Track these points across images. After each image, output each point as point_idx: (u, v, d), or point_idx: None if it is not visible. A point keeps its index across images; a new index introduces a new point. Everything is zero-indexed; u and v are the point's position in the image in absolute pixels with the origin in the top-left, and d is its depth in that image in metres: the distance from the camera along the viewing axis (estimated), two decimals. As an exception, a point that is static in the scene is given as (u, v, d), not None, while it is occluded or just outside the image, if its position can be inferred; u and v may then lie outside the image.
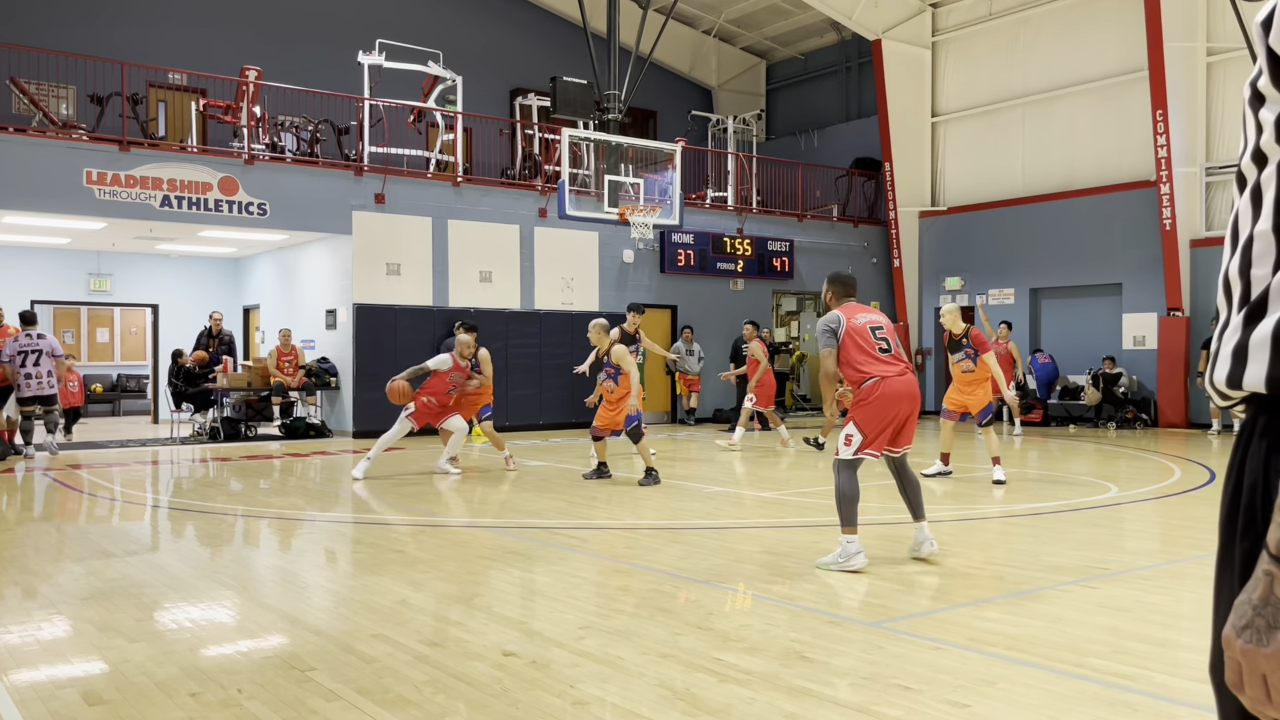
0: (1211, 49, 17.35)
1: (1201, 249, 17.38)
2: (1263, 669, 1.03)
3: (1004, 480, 9.66)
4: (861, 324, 5.95)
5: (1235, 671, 1.06)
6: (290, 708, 3.57)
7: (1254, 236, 1.18)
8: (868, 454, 5.84)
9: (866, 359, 5.85)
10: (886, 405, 5.79)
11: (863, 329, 5.93)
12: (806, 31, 23.99)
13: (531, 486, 9.90)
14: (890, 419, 5.81)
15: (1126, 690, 3.71)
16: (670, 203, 15.91)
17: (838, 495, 5.84)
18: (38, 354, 12.82)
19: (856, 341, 5.88)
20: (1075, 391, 18.85)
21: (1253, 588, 1.06)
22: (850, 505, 5.79)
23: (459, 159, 17.26)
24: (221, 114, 15.77)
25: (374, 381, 16.06)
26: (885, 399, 5.79)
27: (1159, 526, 7.88)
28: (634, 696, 3.67)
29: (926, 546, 6.00)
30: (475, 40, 21.16)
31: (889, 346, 5.94)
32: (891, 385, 5.81)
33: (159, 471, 11.78)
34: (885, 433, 5.83)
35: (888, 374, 5.82)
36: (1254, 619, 1.04)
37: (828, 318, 6.01)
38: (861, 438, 5.81)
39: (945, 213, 21.49)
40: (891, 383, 5.81)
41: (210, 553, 6.69)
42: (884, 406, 5.79)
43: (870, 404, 5.81)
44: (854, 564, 5.75)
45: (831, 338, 5.91)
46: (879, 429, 5.80)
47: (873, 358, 5.86)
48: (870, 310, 6.19)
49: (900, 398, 5.82)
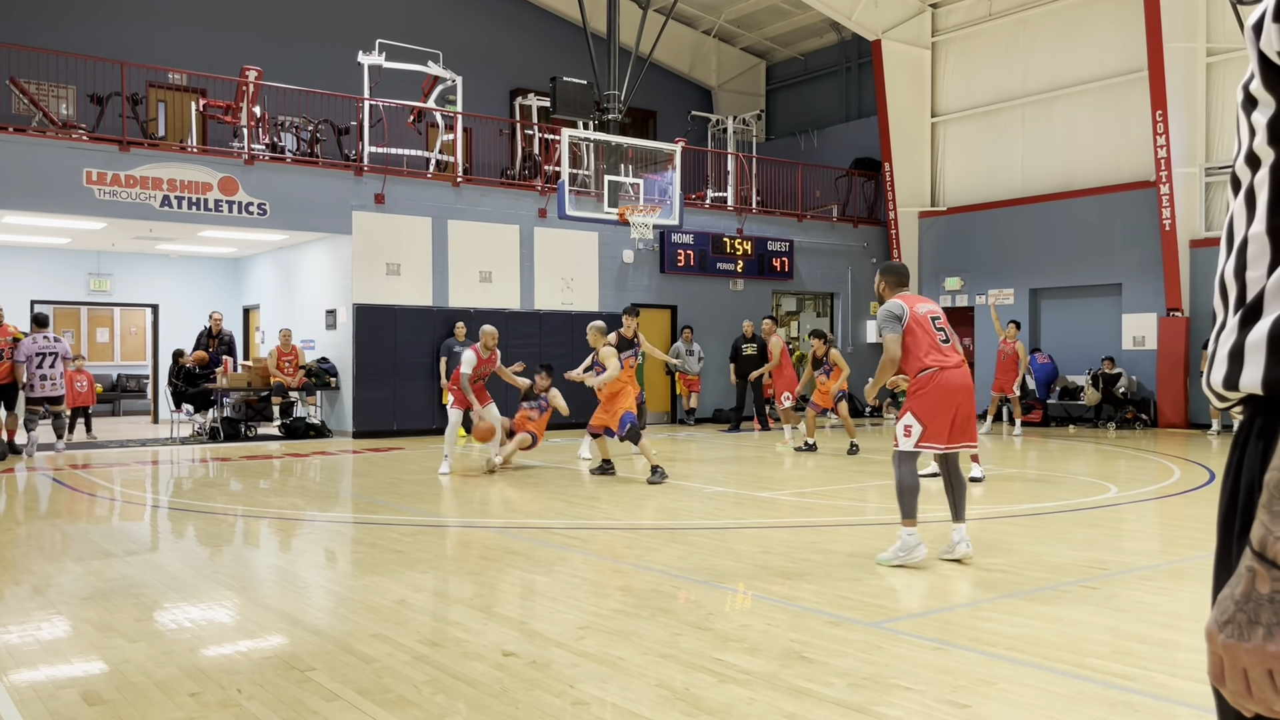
0: (1211, 49, 17.35)
1: (1201, 249, 17.38)
2: (1244, 664, 1.04)
3: (980, 478, 9.73)
4: (923, 313, 5.96)
5: (1217, 666, 1.07)
6: (290, 708, 3.57)
7: (1249, 239, 1.19)
8: (929, 447, 5.81)
9: (928, 348, 5.86)
10: (943, 396, 5.78)
11: (924, 318, 5.93)
12: (806, 32, 23.99)
13: (531, 486, 9.90)
14: (948, 410, 5.79)
15: (1126, 690, 3.71)
16: (670, 203, 15.91)
17: (898, 487, 5.83)
18: (54, 356, 13.26)
19: (919, 330, 5.88)
20: (1075, 392, 18.85)
21: (1235, 583, 1.06)
22: (910, 497, 5.78)
23: (459, 159, 17.26)
24: (221, 114, 15.77)
25: (374, 382, 16.09)
26: (942, 389, 5.78)
27: (1159, 527, 7.88)
28: (634, 697, 3.67)
29: (962, 548, 5.98)
30: (475, 40, 21.17)
31: (948, 337, 5.96)
32: (948, 376, 5.81)
33: (159, 471, 11.78)
34: (945, 424, 5.80)
35: (945, 364, 5.83)
36: (1235, 614, 1.05)
37: (890, 304, 5.97)
38: (921, 428, 5.79)
39: (945, 213, 21.49)
40: (949, 373, 5.81)
41: (210, 553, 6.69)
42: (941, 397, 5.78)
43: (927, 393, 5.80)
44: (915, 557, 5.74)
45: (896, 324, 5.88)
46: (937, 420, 5.78)
47: (933, 347, 5.87)
48: (928, 300, 6.17)
49: (956, 389, 5.81)
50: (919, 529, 5.90)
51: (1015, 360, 15.77)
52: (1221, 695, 1.13)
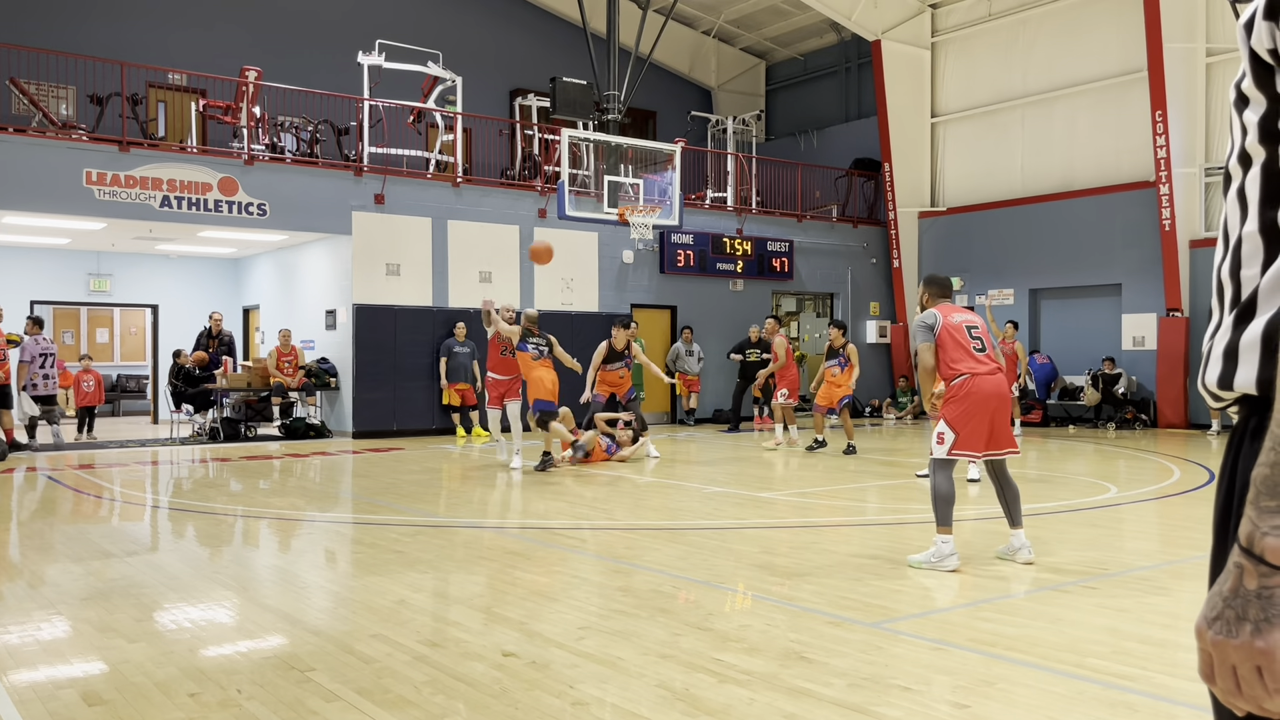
0: (1211, 50, 17.36)
1: (1201, 249, 17.38)
2: (1232, 660, 1.03)
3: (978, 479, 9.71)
4: (958, 322, 6.06)
5: (1206, 663, 1.07)
6: (290, 708, 3.57)
7: (1242, 238, 1.19)
8: (963, 454, 5.88)
9: (961, 356, 5.94)
10: (976, 403, 5.84)
11: (959, 327, 6.03)
12: (806, 32, 23.99)
13: (531, 487, 9.90)
14: (982, 416, 5.84)
15: (1126, 690, 3.71)
16: (670, 203, 15.91)
17: (933, 494, 5.87)
18: (52, 357, 14.02)
19: (953, 339, 5.98)
20: (1075, 392, 18.85)
21: (1224, 580, 1.07)
22: (945, 505, 5.82)
23: (459, 159, 17.26)
24: (221, 114, 15.77)
25: (374, 382, 16.09)
26: (974, 396, 5.84)
27: (1158, 527, 7.89)
28: (634, 697, 3.67)
29: (1024, 554, 6.00)
30: (475, 41, 21.17)
31: (984, 346, 6.05)
32: (980, 383, 5.87)
33: (159, 472, 11.78)
34: (980, 431, 5.85)
35: (978, 371, 5.90)
36: (1224, 610, 1.05)
37: (925, 315, 6.10)
38: (954, 435, 5.85)
39: (945, 213, 21.49)
40: (981, 380, 5.88)
41: (210, 553, 6.69)
42: (973, 404, 5.84)
43: (958, 401, 5.87)
44: (947, 565, 5.78)
45: (929, 333, 6.00)
46: (970, 426, 5.83)
47: (968, 355, 5.95)
48: (965, 311, 6.29)
49: (989, 395, 5.87)
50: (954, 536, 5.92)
51: (1014, 360, 15.73)
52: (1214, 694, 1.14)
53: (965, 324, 6.06)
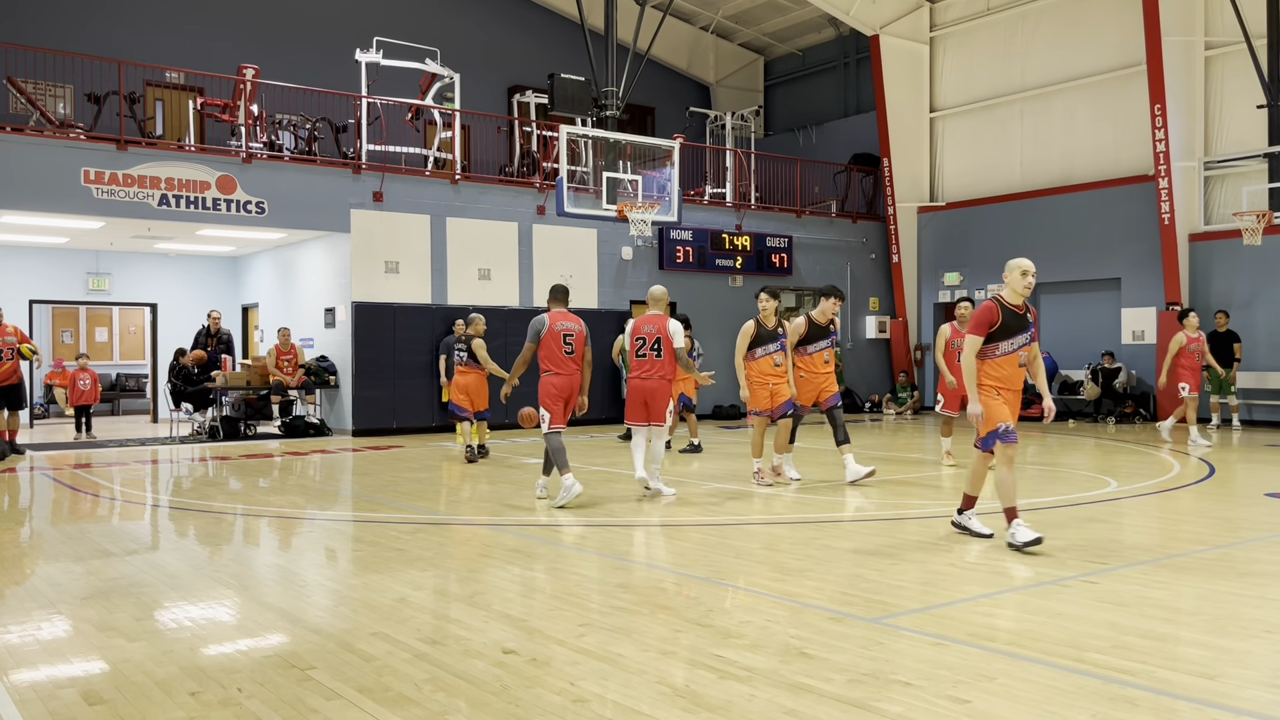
0: (1210, 43, 17.34)
1: (1200, 243, 17.38)
2: None
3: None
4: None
5: None
6: (290, 706, 3.57)
7: None
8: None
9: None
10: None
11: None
12: (804, 27, 23.97)
13: (531, 484, 9.90)
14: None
15: (1126, 685, 3.71)
16: (669, 199, 15.88)
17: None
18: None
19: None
20: (1074, 386, 18.85)
21: None
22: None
23: (457, 157, 17.24)
24: (219, 113, 15.75)
25: (373, 380, 16.09)
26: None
27: (1159, 521, 7.88)
28: (634, 694, 3.67)
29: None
30: (473, 38, 21.15)
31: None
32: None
33: (158, 470, 11.78)
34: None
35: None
36: None
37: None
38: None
39: (944, 208, 21.48)
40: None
41: (210, 552, 6.69)
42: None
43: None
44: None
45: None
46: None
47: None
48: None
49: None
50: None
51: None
52: None
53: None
